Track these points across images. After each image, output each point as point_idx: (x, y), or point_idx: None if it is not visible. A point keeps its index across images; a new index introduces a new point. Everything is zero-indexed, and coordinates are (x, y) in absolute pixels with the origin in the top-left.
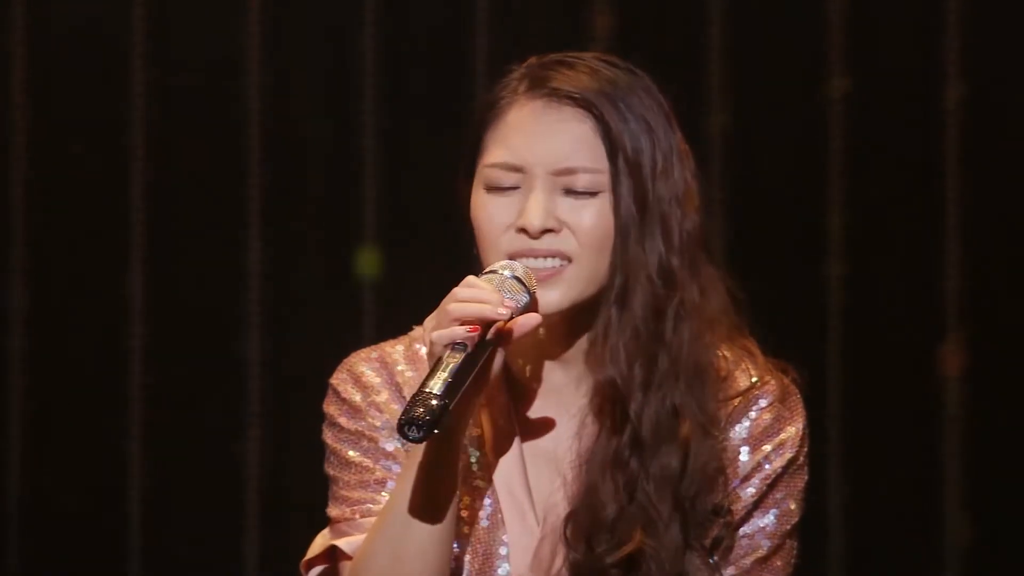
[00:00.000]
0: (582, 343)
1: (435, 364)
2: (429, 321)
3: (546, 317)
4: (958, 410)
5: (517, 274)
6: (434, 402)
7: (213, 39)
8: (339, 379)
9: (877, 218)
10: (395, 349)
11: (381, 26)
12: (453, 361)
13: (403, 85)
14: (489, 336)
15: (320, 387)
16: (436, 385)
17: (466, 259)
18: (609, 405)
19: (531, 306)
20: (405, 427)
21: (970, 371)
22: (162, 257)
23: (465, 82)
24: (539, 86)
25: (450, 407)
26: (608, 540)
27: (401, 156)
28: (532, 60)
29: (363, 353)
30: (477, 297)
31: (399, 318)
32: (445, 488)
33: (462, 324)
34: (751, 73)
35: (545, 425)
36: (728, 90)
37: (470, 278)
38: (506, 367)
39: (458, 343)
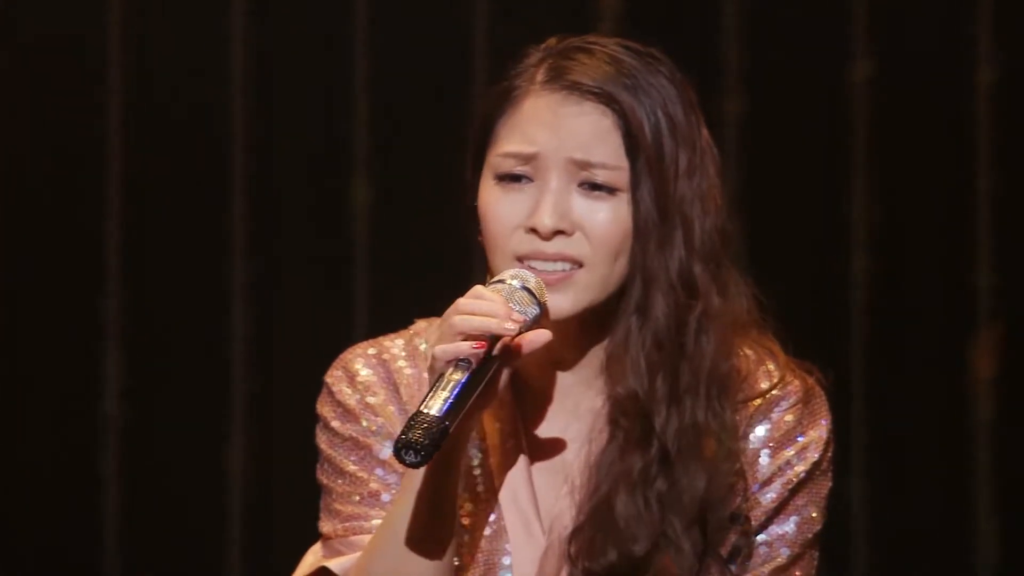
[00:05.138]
0: (595, 349)
1: (436, 381)
2: (432, 333)
3: (556, 322)
4: (990, 413)
5: (528, 285)
6: (433, 424)
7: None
8: (333, 377)
9: (904, 209)
10: (394, 343)
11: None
12: (455, 379)
13: (399, 62)
14: (495, 352)
15: (311, 390)
16: (436, 405)
17: (463, 260)
18: (628, 419)
19: (542, 318)
20: (402, 451)
21: (1003, 372)
22: (144, 258)
23: (465, 60)
24: (558, 78)
25: (450, 429)
26: (618, 556)
27: (397, 149)
28: (551, 43)
29: (360, 348)
30: (483, 310)
31: (394, 319)
32: (443, 514)
33: (467, 339)
34: (769, 55)
35: (553, 431)
36: (744, 74)
37: (477, 288)
38: (514, 370)
39: (462, 360)
